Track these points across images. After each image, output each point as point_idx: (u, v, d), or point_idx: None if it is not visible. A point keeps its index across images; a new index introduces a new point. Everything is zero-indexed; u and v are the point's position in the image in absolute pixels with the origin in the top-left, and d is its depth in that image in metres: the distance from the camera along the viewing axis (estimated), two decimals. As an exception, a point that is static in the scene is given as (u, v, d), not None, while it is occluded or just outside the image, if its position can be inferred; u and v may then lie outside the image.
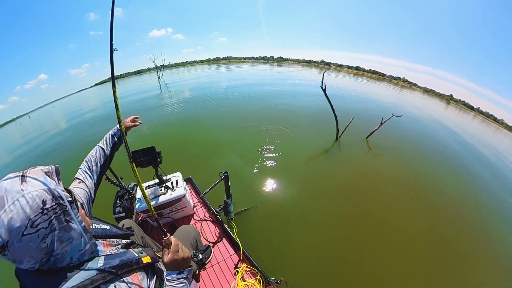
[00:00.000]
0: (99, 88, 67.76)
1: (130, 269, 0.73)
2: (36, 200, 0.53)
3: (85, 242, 0.65)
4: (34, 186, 0.55)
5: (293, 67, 57.76)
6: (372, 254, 2.95)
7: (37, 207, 0.52)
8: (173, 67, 68.70)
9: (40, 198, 0.54)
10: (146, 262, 0.80)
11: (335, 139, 6.40)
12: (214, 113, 9.18)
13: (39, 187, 0.55)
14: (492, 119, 54.53)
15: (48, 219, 0.54)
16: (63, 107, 31.37)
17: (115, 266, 0.69)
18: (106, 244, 0.81)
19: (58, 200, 0.57)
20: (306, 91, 13.83)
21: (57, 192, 0.58)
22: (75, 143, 8.02)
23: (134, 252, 0.81)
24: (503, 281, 2.97)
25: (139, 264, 0.77)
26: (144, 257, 0.82)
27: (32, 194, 0.53)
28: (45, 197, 0.55)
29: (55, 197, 0.57)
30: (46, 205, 0.54)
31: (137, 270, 0.76)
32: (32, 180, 0.56)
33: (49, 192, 0.56)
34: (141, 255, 0.82)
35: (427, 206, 4.10)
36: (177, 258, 0.83)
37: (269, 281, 1.94)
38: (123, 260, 0.73)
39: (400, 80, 74.43)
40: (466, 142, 9.97)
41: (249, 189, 3.96)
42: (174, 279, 0.83)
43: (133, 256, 0.78)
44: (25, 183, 0.55)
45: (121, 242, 0.89)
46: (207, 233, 2.38)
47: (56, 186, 0.59)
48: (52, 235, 0.55)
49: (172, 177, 2.42)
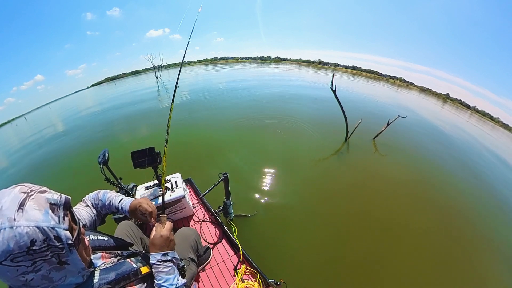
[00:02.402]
0: (96, 89, 67.28)
1: (128, 282, 0.71)
2: (25, 238, 0.47)
3: (83, 275, 0.62)
4: (29, 220, 0.48)
5: (291, 67, 57.83)
6: (374, 255, 2.94)
7: (23, 245, 0.47)
8: (170, 67, 68.42)
9: (29, 237, 0.47)
10: (145, 273, 0.78)
11: (345, 140, 6.42)
12: (214, 114, 9.15)
13: (33, 223, 0.48)
14: (488, 117, 55.08)
15: (32, 260, 0.48)
16: (60, 108, 31.11)
17: (111, 281, 0.67)
18: (105, 256, 0.79)
19: (53, 243, 0.51)
20: (307, 94, 13.71)
21: (55, 233, 0.51)
22: (74, 146, 7.93)
23: (132, 262, 0.79)
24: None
25: (137, 276, 0.75)
26: (142, 267, 0.80)
27: (21, 229, 0.47)
28: (36, 237, 0.48)
29: (49, 239, 0.50)
30: (34, 246, 0.48)
31: (135, 283, 0.73)
32: (29, 211, 0.49)
33: (43, 233, 0.49)
34: (140, 265, 0.79)
35: (430, 205, 4.12)
36: (166, 235, 0.88)
37: (269, 283, 1.94)
38: (119, 273, 0.71)
39: (397, 79, 74.80)
40: (465, 140, 10.07)
41: (249, 189, 3.95)
42: (159, 261, 0.82)
43: (130, 268, 0.75)
44: (21, 211, 0.49)
45: (122, 253, 0.87)
46: (206, 234, 2.37)
47: (56, 224, 0.52)
48: (35, 275, 0.50)
49: (172, 178, 2.41)
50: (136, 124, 8.91)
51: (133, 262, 0.79)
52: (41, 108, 76.80)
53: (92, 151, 6.35)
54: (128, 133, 8.11)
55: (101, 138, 7.91)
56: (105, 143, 7.18)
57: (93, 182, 2.82)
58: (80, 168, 5.54)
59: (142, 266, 0.79)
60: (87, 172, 4.97)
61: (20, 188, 0.53)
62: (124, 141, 7.15)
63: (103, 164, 1.91)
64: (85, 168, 5.33)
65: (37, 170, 6.12)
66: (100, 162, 1.91)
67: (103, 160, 1.91)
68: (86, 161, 5.78)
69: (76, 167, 5.73)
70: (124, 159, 2.16)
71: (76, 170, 5.59)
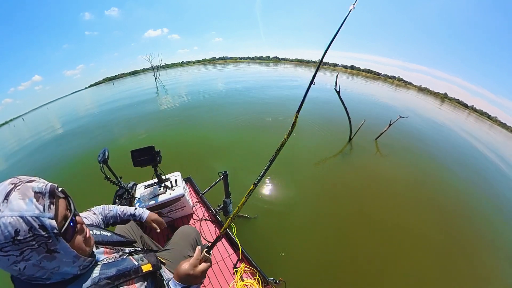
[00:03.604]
0: (94, 89, 67.04)
1: (128, 279, 0.70)
2: (8, 228, 0.47)
3: (79, 265, 0.61)
4: (12, 210, 0.48)
5: (289, 67, 57.82)
6: (374, 255, 2.94)
7: (8, 236, 0.47)
8: (168, 67, 68.29)
9: (13, 227, 0.47)
10: (147, 271, 0.78)
11: (348, 141, 6.44)
12: (214, 114, 9.16)
13: (16, 213, 0.48)
14: (486, 116, 55.39)
15: (19, 250, 0.49)
16: (58, 109, 30.98)
17: (111, 276, 0.66)
18: (107, 251, 0.79)
19: (38, 232, 0.50)
20: (308, 95, 13.67)
21: (39, 222, 0.50)
22: (74, 146, 7.89)
23: (133, 260, 0.78)
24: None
25: (138, 273, 0.74)
26: (144, 265, 0.79)
27: (5, 219, 0.47)
28: (19, 227, 0.48)
29: (33, 228, 0.49)
30: (18, 236, 0.48)
31: (135, 280, 0.73)
32: (13, 201, 0.49)
33: (26, 222, 0.49)
34: (141, 263, 0.79)
35: (431, 205, 4.14)
36: (197, 275, 0.80)
37: (268, 281, 1.94)
38: (120, 269, 0.70)
39: (395, 79, 75.09)
40: (463, 138, 10.13)
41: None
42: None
43: (132, 265, 0.75)
44: (6, 202, 0.49)
45: (124, 249, 0.87)
46: (206, 233, 2.37)
47: (40, 214, 0.51)
48: (26, 263, 0.51)
49: (171, 177, 2.41)
50: (136, 124, 8.88)
51: (135, 259, 0.79)
52: (39, 109, 76.45)
53: (92, 150, 6.35)
54: (127, 132, 8.10)
55: (100, 138, 7.91)
56: (104, 142, 7.18)
57: (93, 182, 2.83)
58: (80, 168, 5.53)
59: (144, 264, 0.79)
60: (87, 172, 4.97)
61: (10, 180, 0.53)
62: (124, 140, 7.16)
63: (103, 163, 1.91)
64: (85, 168, 5.32)
65: (37, 170, 6.09)
66: (100, 160, 1.91)
67: (103, 159, 1.91)
68: (86, 161, 5.78)
69: (76, 167, 5.71)
70: (124, 157, 2.16)
71: (76, 170, 5.57)
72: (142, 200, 2.12)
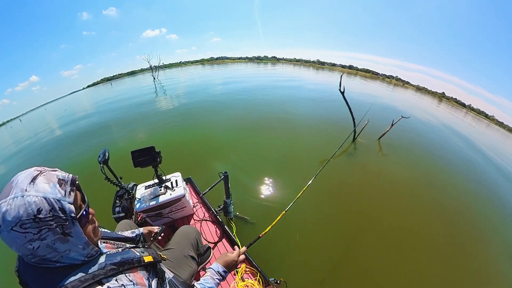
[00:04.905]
0: (92, 90, 66.77)
1: (132, 266, 0.74)
2: (32, 206, 0.52)
3: (88, 252, 0.66)
4: (38, 191, 0.54)
5: (287, 67, 57.87)
6: (374, 255, 2.94)
7: (31, 213, 0.52)
8: (167, 67, 68.09)
9: (36, 205, 0.53)
10: (148, 261, 0.82)
11: (352, 140, 6.45)
12: (214, 114, 9.12)
13: (41, 194, 0.54)
14: (483, 115, 55.68)
15: (38, 228, 0.53)
16: (56, 109, 30.79)
17: (116, 262, 0.70)
18: (109, 246, 0.83)
19: (57, 213, 0.56)
20: (308, 95, 13.66)
21: (60, 205, 0.56)
22: (74, 146, 7.85)
23: (136, 251, 0.83)
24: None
25: (140, 263, 0.78)
26: (146, 256, 0.83)
27: (30, 198, 0.53)
28: (42, 206, 0.53)
29: (54, 209, 0.55)
30: (40, 214, 0.53)
31: (138, 268, 0.77)
32: (39, 184, 0.55)
33: (49, 203, 0.54)
34: (143, 254, 0.83)
35: (433, 205, 4.15)
36: (239, 261, 1.18)
37: (269, 281, 1.94)
38: (125, 258, 0.75)
39: (393, 78, 75.29)
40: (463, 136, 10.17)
41: (250, 189, 3.95)
42: (220, 273, 1.07)
43: (134, 255, 0.79)
44: (33, 184, 0.55)
45: (125, 245, 0.91)
46: (206, 233, 2.37)
47: (62, 197, 0.57)
48: (40, 242, 0.54)
49: (172, 177, 2.40)
50: (136, 125, 8.86)
51: (137, 252, 0.83)
52: (37, 109, 76.05)
53: (92, 151, 6.36)
54: (128, 132, 8.05)
55: (100, 138, 7.86)
56: (105, 142, 7.16)
57: (94, 183, 2.82)
58: (80, 169, 5.49)
59: (145, 256, 0.83)
60: (87, 172, 4.94)
61: (35, 168, 0.61)
62: (124, 140, 7.13)
63: (103, 163, 1.90)
64: (85, 168, 5.31)
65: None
66: (100, 161, 1.90)
67: (103, 159, 1.90)
68: (86, 161, 5.77)
69: (76, 168, 5.68)
70: (124, 158, 2.15)
71: (76, 170, 5.47)
72: (142, 201, 2.11)
